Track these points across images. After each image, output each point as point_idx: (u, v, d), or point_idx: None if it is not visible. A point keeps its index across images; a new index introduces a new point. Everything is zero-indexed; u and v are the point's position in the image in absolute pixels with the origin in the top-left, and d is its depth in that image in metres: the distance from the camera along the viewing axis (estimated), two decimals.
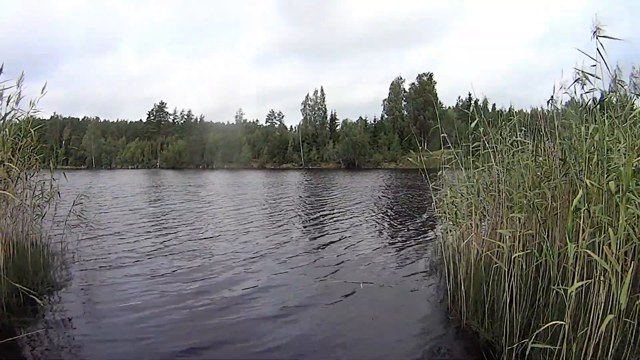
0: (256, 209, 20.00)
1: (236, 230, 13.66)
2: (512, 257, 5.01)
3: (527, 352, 4.21)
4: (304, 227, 15.14)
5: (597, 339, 3.90)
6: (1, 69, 6.19)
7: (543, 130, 5.93)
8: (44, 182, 8.34)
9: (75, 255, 9.34)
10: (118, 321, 6.20)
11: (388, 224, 15.34)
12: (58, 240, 9.09)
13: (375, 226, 14.80)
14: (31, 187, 7.94)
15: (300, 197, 27.12)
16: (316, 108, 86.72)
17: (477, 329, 5.53)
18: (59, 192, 8.56)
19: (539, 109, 6.82)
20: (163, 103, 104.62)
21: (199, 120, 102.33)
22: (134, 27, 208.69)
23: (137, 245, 11.13)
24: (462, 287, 5.95)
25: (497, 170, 6.26)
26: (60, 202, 8.87)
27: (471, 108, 6.18)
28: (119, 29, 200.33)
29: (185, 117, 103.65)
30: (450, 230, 7.16)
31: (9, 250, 6.65)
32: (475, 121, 6.26)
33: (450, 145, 7.00)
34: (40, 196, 8.22)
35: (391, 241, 12.22)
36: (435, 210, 8.03)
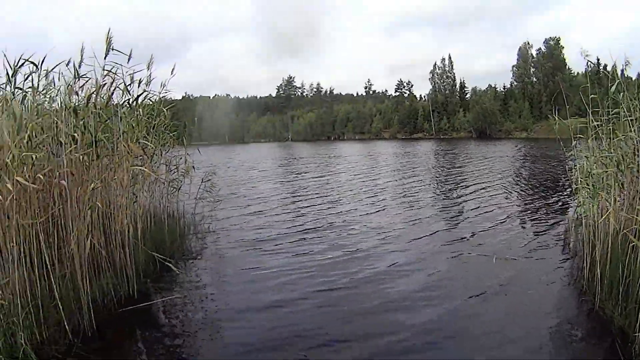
0: (390, 179, 19.65)
1: (370, 202, 13.48)
2: None
3: None
4: (437, 196, 14.68)
5: None
6: (130, 54, 6.61)
7: None
8: (179, 158, 8.89)
9: (210, 226, 9.88)
10: (250, 291, 6.38)
11: (520, 195, 14.17)
12: (193, 212, 9.69)
13: (508, 197, 13.80)
14: (166, 162, 8.50)
15: (433, 166, 26.16)
16: (444, 76, 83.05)
17: (611, 312, 4.91)
18: (193, 166, 9.07)
19: None
20: (291, 77, 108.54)
21: (328, 92, 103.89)
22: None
23: (271, 218, 11.48)
24: (598, 266, 5.25)
25: (636, 140, 5.26)
26: (195, 176, 9.42)
27: (610, 71, 5.24)
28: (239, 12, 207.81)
29: (315, 90, 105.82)
30: (587, 205, 6.19)
31: (146, 221, 7.17)
32: (615, 83, 5.34)
33: (582, 113, 6.03)
34: (176, 171, 8.80)
35: (524, 213, 11.33)
36: (571, 182, 7.09)
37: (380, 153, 40.77)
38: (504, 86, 79.33)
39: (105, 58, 5.95)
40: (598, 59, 36.78)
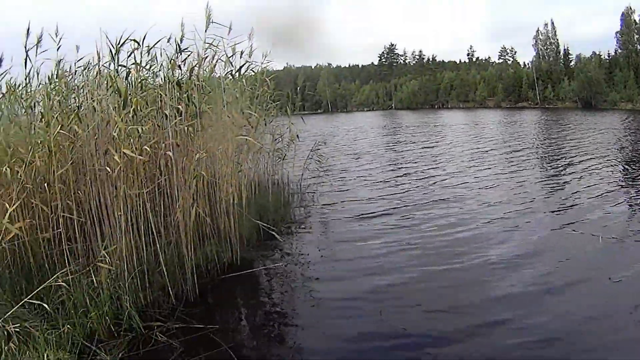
0: (497, 150, 18.25)
1: (478, 175, 12.65)
2: None
3: None
4: (545, 170, 13.34)
5: None
6: (230, 26, 6.65)
7: None
8: (284, 127, 8.95)
9: (314, 195, 9.93)
10: (352, 264, 6.25)
11: (628, 172, 12.31)
12: (299, 182, 9.78)
13: (616, 173, 12.08)
14: (271, 132, 8.60)
15: (539, 137, 23.69)
16: (548, 43, 74.88)
17: None
18: (297, 135, 9.10)
19: None
20: (393, 45, 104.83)
21: (430, 60, 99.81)
22: None
23: (377, 189, 11.22)
24: None
25: None
26: (300, 145, 9.45)
27: None
28: None
29: (417, 57, 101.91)
30: None
31: (251, 190, 7.34)
32: None
33: None
34: (280, 140, 8.89)
35: (632, 190, 9.92)
36: None
37: (486, 122, 38.01)
38: (608, 53, 70.14)
39: (205, 31, 6.05)
40: None
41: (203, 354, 3.93)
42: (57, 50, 5.15)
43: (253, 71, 7.82)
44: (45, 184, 4.55)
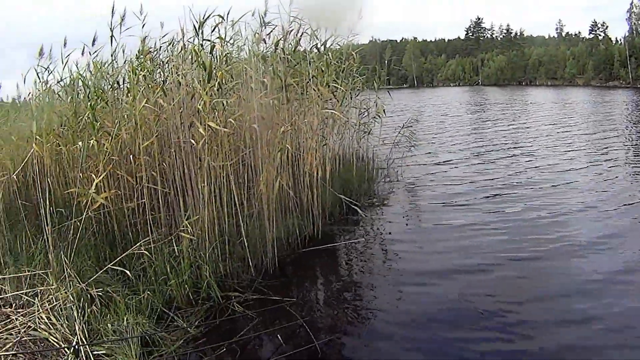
0: (589, 131, 16.75)
1: (570, 157, 11.67)
2: None
3: None
4: (636, 153, 12.13)
5: None
6: None
7: None
8: (370, 101, 8.74)
9: (399, 172, 9.66)
10: (433, 245, 6.03)
11: None
12: (384, 157, 9.56)
13: None
14: (356, 106, 8.44)
15: (633, 120, 21.14)
16: None
17: None
18: (384, 110, 8.85)
19: None
20: (480, 19, 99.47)
21: (518, 34, 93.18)
22: None
23: (464, 169, 10.72)
24: None
25: None
26: (386, 120, 9.21)
27: None
28: None
29: (505, 32, 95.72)
30: None
31: (335, 164, 7.27)
32: None
33: None
34: (366, 114, 8.69)
35: None
36: None
37: (576, 102, 34.58)
38: None
39: (290, 5, 6.00)
40: None
41: (278, 326, 3.96)
42: (142, 27, 5.35)
43: (339, 44, 7.66)
44: (131, 156, 4.78)
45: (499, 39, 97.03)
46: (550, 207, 7.29)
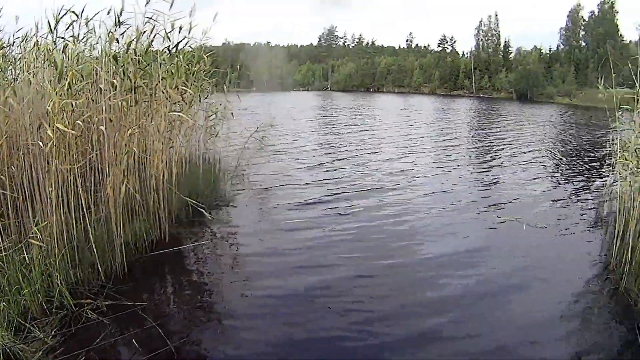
0: (431, 135, 19.32)
1: (415, 162, 13.24)
2: None
3: None
4: (476, 157, 14.46)
5: None
6: (172, 1, 6.53)
7: None
8: (218, 104, 8.92)
9: (245, 173, 10.06)
10: (280, 243, 6.55)
11: (558, 162, 13.78)
12: (230, 159, 9.84)
13: (545, 163, 13.50)
14: (205, 109, 8.58)
15: (474, 125, 25.54)
16: (489, 34, 78.85)
17: (637, 296, 4.84)
18: (232, 113, 9.08)
19: None
20: (333, 27, 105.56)
21: (370, 44, 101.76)
22: None
23: (308, 170, 11.58)
24: (629, 246, 5.13)
25: None
26: (236, 123, 9.50)
27: None
28: None
29: (356, 41, 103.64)
30: (625, 180, 5.92)
31: (181, 167, 7.37)
32: None
33: (629, 83, 5.67)
34: (214, 117, 8.87)
35: (559, 181, 11.11)
36: (612, 155, 6.83)
37: (421, 108, 39.64)
38: (550, 48, 75.09)
39: (146, 5, 5.96)
40: None
41: (132, 331, 4.09)
42: None
43: (191, 47, 7.72)
44: None
45: (350, 47, 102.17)
46: (396, 206, 8.48)
